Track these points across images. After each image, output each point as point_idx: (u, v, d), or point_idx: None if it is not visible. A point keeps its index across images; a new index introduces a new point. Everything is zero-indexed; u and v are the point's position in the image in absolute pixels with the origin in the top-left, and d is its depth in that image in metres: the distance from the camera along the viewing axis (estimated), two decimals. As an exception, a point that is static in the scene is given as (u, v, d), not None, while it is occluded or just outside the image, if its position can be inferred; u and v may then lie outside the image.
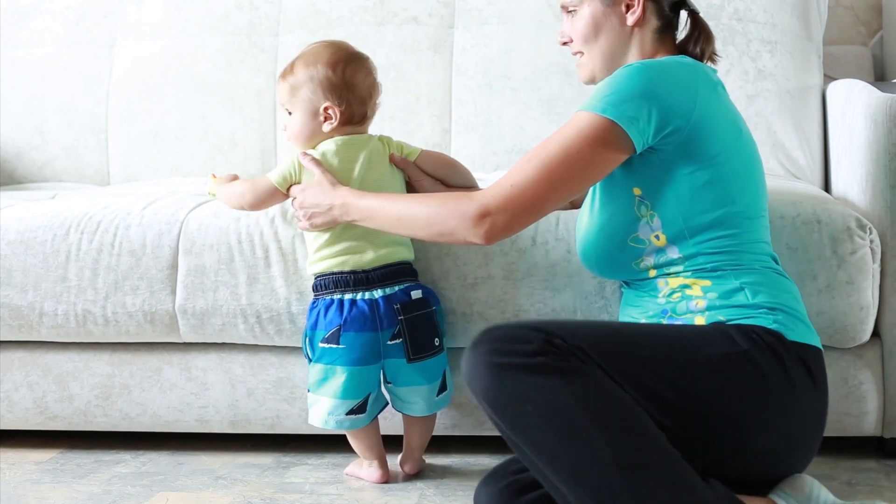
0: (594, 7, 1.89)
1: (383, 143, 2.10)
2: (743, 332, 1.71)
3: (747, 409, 1.68)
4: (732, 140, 1.79)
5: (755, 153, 1.84)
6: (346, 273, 2.02)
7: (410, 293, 2.04)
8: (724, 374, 1.68)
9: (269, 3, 2.97)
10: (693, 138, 1.75)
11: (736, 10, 2.77)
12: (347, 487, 2.08)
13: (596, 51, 1.91)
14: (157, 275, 2.21)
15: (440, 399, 2.09)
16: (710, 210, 1.77)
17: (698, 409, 1.67)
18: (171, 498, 2.06)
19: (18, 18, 3.08)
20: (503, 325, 1.66)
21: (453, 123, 2.85)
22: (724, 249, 1.77)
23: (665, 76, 1.76)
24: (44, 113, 3.01)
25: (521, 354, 1.61)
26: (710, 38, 1.92)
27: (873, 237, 2.06)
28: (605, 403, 1.60)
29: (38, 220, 2.27)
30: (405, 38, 2.88)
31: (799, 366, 1.71)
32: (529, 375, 1.60)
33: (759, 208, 1.82)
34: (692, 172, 1.76)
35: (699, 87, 1.78)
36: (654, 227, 1.80)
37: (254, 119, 2.92)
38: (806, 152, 2.70)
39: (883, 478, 2.06)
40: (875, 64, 3.39)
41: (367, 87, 2.07)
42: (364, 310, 2.01)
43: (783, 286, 1.80)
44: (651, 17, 1.89)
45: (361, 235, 2.02)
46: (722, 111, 1.80)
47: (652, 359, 1.67)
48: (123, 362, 2.28)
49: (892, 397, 2.12)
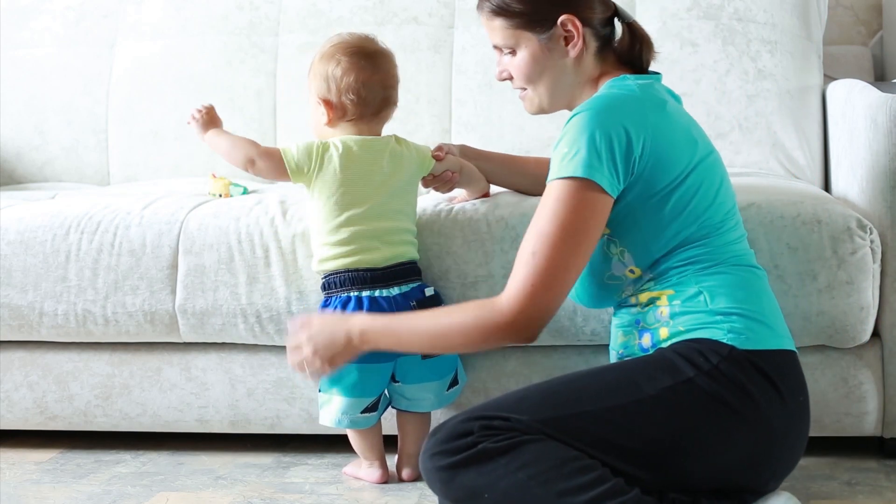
0: (533, 47, 1.86)
1: (401, 144, 2.10)
2: (686, 358, 1.69)
3: (705, 434, 1.67)
4: (689, 155, 1.78)
5: (711, 156, 1.82)
6: (361, 270, 2.01)
7: (424, 290, 2.04)
8: (671, 407, 1.67)
9: (269, 3, 2.97)
10: (653, 168, 1.74)
11: (736, 10, 2.77)
12: (347, 487, 2.08)
13: (542, 87, 1.88)
14: (157, 275, 2.20)
15: (450, 393, 2.10)
16: (677, 233, 1.77)
17: (657, 446, 1.67)
18: (171, 498, 2.06)
19: (18, 18, 3.08)
20: (445, 423, 1.69)
21: (453, 123, 2.85)
22: (691, 260, 1.77)
23: (615, 113, 1.74)
24: (44, 113, 3.01)
25: (463, 449, 1.65)
26: (650, 44, 1.89)
27: (873, 237, 2.06)
28: (556, 467, 1.62)
29: (38, 220, 2.27)
30: (405, 38, 2.88)
31: (755, 375, 1.69)
32: (476, 466, 1.64)
33: (725, 211, 1.81)
34: (656, 202, 1.76)
35: (648, 115, 1.76)
36: (626, 263, 1.81)
37: (254, 119, 2.92)
38: (806, 152, 2.70)
39: (883, 478, 2.06)
40: (875, 64, 3.39)
41: (362, 83, 2.05)
42: (384, 307, 2.00)
43: (747, 283, 1.77)
44: (591, 40, 1.86)
45: (373, 234, 2.02)
46: (674, 129, 1.78)
47: (598, 411, 1.67)
48: (123, 362, 2.28)
49: (892, 397, 2.12)
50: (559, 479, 1.61)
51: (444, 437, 1.67)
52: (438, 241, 2.13)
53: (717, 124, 2.71)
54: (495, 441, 1.64)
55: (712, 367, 1.68)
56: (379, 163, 2.05)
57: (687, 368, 1.68)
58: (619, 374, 1.72)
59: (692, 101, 2.72)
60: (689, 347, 1.70)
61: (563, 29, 1.83)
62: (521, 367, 2.18)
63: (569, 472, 1.61)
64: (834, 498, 1.96)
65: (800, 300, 2.05)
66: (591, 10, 1.85)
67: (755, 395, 1.68)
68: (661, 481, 1.68)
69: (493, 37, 1.90)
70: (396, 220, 2.05)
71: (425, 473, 1.70)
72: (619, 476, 1.64)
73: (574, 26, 1.83)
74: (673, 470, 1.68)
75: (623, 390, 1.68)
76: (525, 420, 1.65)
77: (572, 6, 1.83)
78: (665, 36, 2.77)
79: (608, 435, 1.66)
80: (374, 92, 2.07)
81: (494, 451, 1.63)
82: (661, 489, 1.68)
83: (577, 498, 1.60)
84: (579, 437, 1.65)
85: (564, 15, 1.83)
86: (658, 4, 2.81)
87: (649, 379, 1.68)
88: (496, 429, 1.65)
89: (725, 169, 1.87)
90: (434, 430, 1.70)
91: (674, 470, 1.68)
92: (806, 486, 2.00)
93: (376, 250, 2.02)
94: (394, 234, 2.03)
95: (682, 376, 1.68)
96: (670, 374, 1.68)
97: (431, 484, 1.69)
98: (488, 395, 2.18)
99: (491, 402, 1.72)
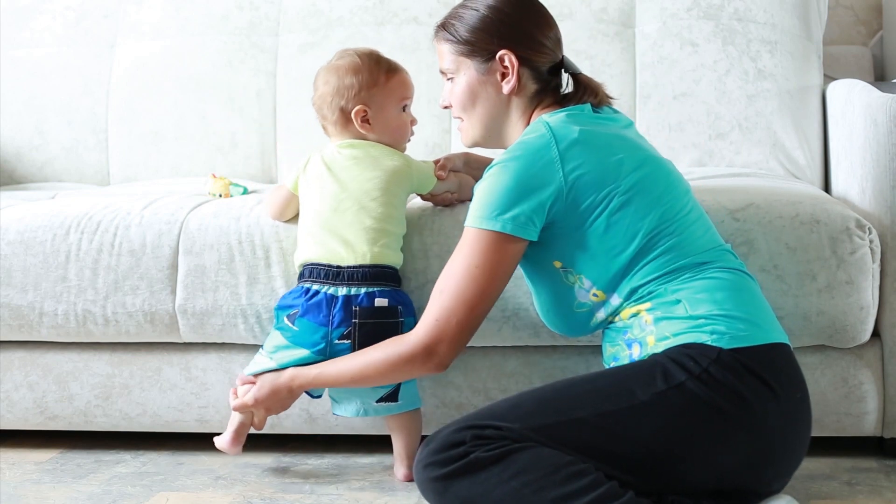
0: (470, 75, 1.94)
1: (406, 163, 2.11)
2: (678, 363, 1.69)
3: (699, 438, 1.68)
4: (614, 175, 1.81)
5: (645, 166, 1.84)
6: (321, 266, 2.04)
7: (375, 299, 2.03)
8: (664, 412, 1.67)
9: (269, 3, 2.97)
10: (575, 199, 1.80)
11: (736, 10, 2.77)
12: (347, 487, 2.08)
13: (475, 118, 1.96)
14: (157, 275, 2.21)
15: (380, 407, 2.06)
16: (625, 247, 1.79)
17: (651, 452, 1.67)
18: (171, 498, 2.06)
19: (18, 18, 3.08)
20: (438, 433, 1.71)
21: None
22: (657, 272, 1.79)
23: (524, 162, 1.80)
24: (44, 113, 3.01)
25: (455, 459, 1.66)
26: (597, 91, 1.95)
27: (873, 237, 2.06)
28: (549, 474, 1.62)
29: (38, 220, 2.27)
30: (405, 38, 2.88)
31: (746, 376, 1.69)
32: (469, 476, 1.65)
33: (677, 212, 1.82)
34: (590, 225, 1.80)
35: (554, 158, 1.80)
36: (587, 288, 1.83)
37: (254, 119, 2.92)
38: (806, 152, 2.70)
39: (883, 478, 2.06)
40: (875, 64, 3.39)
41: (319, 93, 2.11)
42: (321, 302, 2.02)
43: (724, 284, 1.78)
44: (528, 82, 1.93)
45: (341, 231, 2.04)
46: (594, 157, 1.82)
47: (590, 417, 1.68)
48: (123, 362, 2.28)
49: (892, 397, 2.12)
50: (552, 486, 1.61)
51: (436, 448, 1.68)
52: (438, 240, 2.13)
53: (717, 124, 2.71)
54: (487, 450, 1.64)
55: (702, 371, 1.68)
56: (360, 166, 2.07)
57: (678, 373, 1.68)
58: (611, 381, 1.72)
59: (692, 101, 2.72)
60: (681, 352, 1.71)
61: (500, 64, 1.92)
62: (522, 368, 2.18)
63: (562, 478, 1.61)
64: (834, 498, 1.96)
65: (799, 300, 2.05)
66: (534, 52, 1.92)
67: (748, 397, 1.68)
68: (658, 486, 1.68)
69: (441, 61, 1.99)
70: (369, 222, 2.05)
71: (419, 484, 1.70)
72: (614, 481, 1.64)
73: (511, 62, 1.91)
74: (669, 475, 1.68)
75: (616, 396, 1.69)
76: (517, 428, 1.66)
77: (515, 44, 1.91)
78: (665, 36, 2.77)
79: (601, 442, 1.66)
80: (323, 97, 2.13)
81: (487, 461, 1.64)
82: (659, 492, 1.68)
83: (571, 503, 1.60)
84: (572, 444, 1.65)
85: (503, 50, 1.90)
86: (658, 4, 2.81)
87: (642, 385, 1.69)
88: (488, 437, 1.65)
89: (671, 170, 1.89)
90: (427, 439, 1.71)
91: (670, 475, 1.68)
92: (806, 486, 2.00)
93: (344, 248, 2.03)
94: (369, 232, 2.03)
95: (674, 381, 1.68)
96: (663, 378, 1.69)
97: (426, 494, 1.70)
98: (488, 396, 2.18)
99: (484, 410, 1.73)
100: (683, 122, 2.73)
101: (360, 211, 2.04)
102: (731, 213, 2.07)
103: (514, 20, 1.92)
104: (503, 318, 2.12)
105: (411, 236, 2.13)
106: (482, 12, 1.93)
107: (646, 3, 2.82)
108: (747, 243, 2.05)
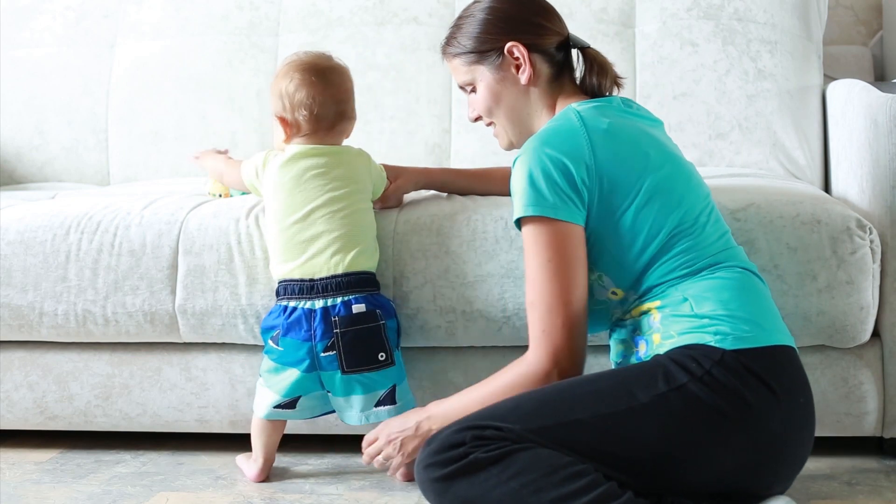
0: (487, 78, 1.95)
1: (360, 158, 2.12)
2: (680, 365, 1.69)
3: (699, 440, 1.67)
4: (641, 170, 1.81)
5: (669, 164, 1.85)
6: (294, 281, 2.04)
7: (352, 307, 2.03)
8: (665, 414, 1.67)
9: (269, 3, 2.97)
10: (603, 191, 1.79)
11: (736, 10, 2.78)
12: (347, 487, 2.08)
13: (503, 118, 1.97)
14: (156, 275, 2.21)
15: (380, 411, 2.06)
16: (646, 247, 1.79)
17: (651, 453, 1.67)
18: (171, 498, 2.06)
19: (18, 18, 3.08)
20: (438, 434, 1.71)
21: (453, 123, 2.85)
22: (673, 271, 1.79)
23: (549, 147, 1.79)
24: (44, 113, 3.01)
25: (455, 460, 1.65)
26: (606, 68, 1.95)
27: (873, 237, 2.06)
28: (548, 474, 1.62)
29: (38, 220, 2.27)
30: (405, 38, 2.88)
31: (749, 378, 1.69)
32: (468, 477, 1.64)
33: (695, 214, 1.82)
34: (615, 222, 1.80)
35: (583, 144, 1.80)
36: (606, 286, 1.84)
37: (254, 119, 2.92)
38: (806, 152, 2.70)
39: (883, 478, 2.06)
40: (875, 64, 3.39)
41: (313, 99, 2.07)
42: (300, 318, 2.02)
43: (732, 284, 1.78)
44: (542, 67, 1.94)
45: (312, 242, 2.03)
46: (622, 149, 1.82)
47: (590, 419, 1.67)
48: (123, 362, 2.28)
49: (892, 397, 2.12)
50: (551, 487, 1.61)
51: (436, 448, 1.68)
52: (437, 240, 2.13)
53: (717, 124, 2.71)
54: (486, 451, 1.64)
55: (705, 373, 1.68)
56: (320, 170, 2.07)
57: (680, 375, 1.68)
58: (612, 382, 1.72)
59: (692, 101, 2.72)
60: (683, 353, 1.71)
61: (510, 56, 1.92)
62: (521, 367, 2.18)
63: (561, 479, 1.61)
64: (834, 498, 1.96)
65: (800, 300, 2.05)
66: (539, 37, 1.93)
67: (749, 400, 1.68)
68: (657, 487, 1.68)
69: (456, 77, 2.01)
70: (337, 231, 2.04)
71: (420, 485, 1.70)
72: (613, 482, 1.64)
73: (520, 52, 1.92)
74: (668, 476, 1.68)
75: (616, 398, 1.68)
76: (517, 429, 1.66)
77: (517, 33, 1.92)
78: (665, 36, 2.77)
79: (601, 443, 1.66)
80: (327, 107, 2.08)
81: (486, 461, 1.64)
82: (658, 493, 1.68)
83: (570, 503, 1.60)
84: (572, 445, 1.65)
85: (509, 42, 1.92)
86: (658, 4, 2.81)
87: (643, 386, 1.69)
88: (488, 438, 1.65)
89: (692, 172, 1.89)
90: (428, 440, 1.71)
91: (669, 476, 1.68)
92: (806, 486, 2.00)
93: (315, 259, 2.03)
94: (340, 240, 2.03)
95: (676, 383, 1.68)
96: (664, 380, 1.68)
97: (426, 495, 1.70)
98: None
99: (484, 411, 1.73)
100: (683, 122, 2.73)
101: (328, 219, 2.04)
102: (732, 212, 2.07)
103: (511, 13, 1.94)
104: (503, 318, 2.12)
105: (410, 236, 2.13)
106: (479, 17, 1.95)
107: (646, 3, 2.82)
108: (748, 243, 2.05)
